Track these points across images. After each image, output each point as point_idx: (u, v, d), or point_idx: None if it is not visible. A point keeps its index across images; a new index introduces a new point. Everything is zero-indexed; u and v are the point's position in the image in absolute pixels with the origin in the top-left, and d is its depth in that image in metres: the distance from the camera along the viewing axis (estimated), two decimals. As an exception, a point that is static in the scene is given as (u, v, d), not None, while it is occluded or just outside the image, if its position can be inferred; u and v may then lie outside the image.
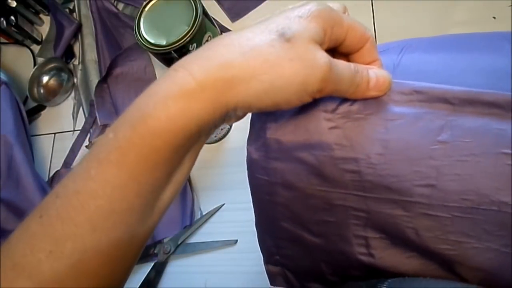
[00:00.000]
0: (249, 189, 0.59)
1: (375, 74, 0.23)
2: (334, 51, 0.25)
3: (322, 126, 0.25)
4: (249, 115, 0.27)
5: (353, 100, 0.24)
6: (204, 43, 0.53)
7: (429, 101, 0.23)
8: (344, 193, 0.24)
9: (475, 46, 0.26)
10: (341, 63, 0.22)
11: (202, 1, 0.53)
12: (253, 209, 0.32)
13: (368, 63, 0.25)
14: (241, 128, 0.57)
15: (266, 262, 0.32)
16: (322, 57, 0.21)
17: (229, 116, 0.22)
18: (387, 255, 0.24)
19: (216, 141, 0.58)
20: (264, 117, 0.27)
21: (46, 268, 0.21)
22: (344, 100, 0.25)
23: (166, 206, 0.25)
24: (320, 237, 0.26)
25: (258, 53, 0.21)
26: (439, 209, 0.22)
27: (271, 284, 0.32)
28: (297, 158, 0.25)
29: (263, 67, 0.20)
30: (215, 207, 0.55)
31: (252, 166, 0.29)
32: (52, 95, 0.70)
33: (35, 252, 0.21)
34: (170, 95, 0.20)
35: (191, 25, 0.51)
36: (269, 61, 0.20)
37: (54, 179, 0.65)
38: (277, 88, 0.21)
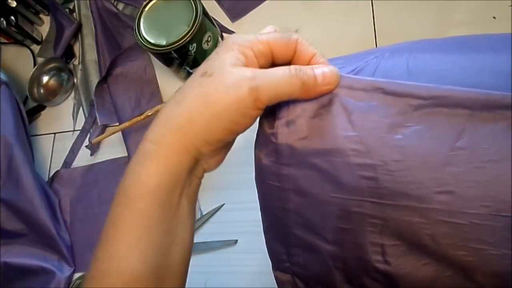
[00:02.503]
0: (249, 189, 0.59)
1: (321, 70, 0.25)
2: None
3: (337, 131, 0.25)
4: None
5: (368, 106, 0.24)
6: (204, 43, 0.53)
7: (446, 106, 0.23)
8: (360, 200, 0.24)
9: (489, 47, 0.25)
10: (274, 69, 0.24)
11: (202, 1, 0.53)
12: (260, 216, 0.31)
13: (310, 62, 0.26)
14: (241, 128, 0.57)
15: (275, 268, 0.31)
16: (242, 71, 0.23)
17: (200, 157, 0.26)
18: (403, 262, 0.24)
19: (216, 141, 0.58)
20: (274, 122, 0.27)
21: None
22: (359, 106, 0.24)
23: (183, 255, 0.28)
24: (335, 245, 0.26)
25: (190, 96, 0.24)
26: (457, 216, 0.22)
27: None
28: (311, 164, 0.25)
29: (198, 105, 0.24)
30: (215, 207, 0.55)
31: (262, 172, 0.28)
32: (52, 95, 0.70)
33: None
34: (139, 164, 0.24)
35: (191, 25, 0.51)
36: (200, 98, 0.24)
37: (54, 179, 0.65)
38: (218, 116, 0.23)
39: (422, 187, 0.22)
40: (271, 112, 0.27)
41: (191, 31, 0.50)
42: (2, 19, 0.72)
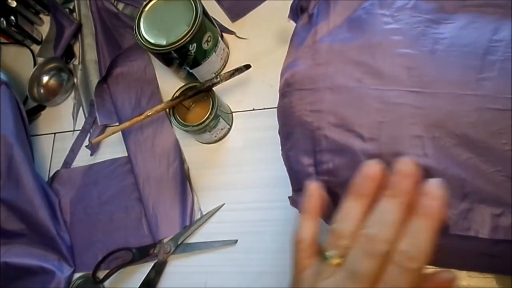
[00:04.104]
0: (249, 189, 0.59)
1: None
2: None
3: (379, 25, 0.25)
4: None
5: (409, 3, 0.26)
6: (204, 43, 0.53)
7: (483, 6, 0.25)
8: (401, 90, 0.24)
9: None
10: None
11: (202, 1, 0.53)
12: (280, 139, 0.30)
13: None
14: (241, 128, 0.57)
15: (296, 189, 0.30)
16: None
17: None
18: (443, 156, 0.23)
19: (216, 141, 0.58)
20: (314, 24, 0.28)
21: None
22: (399, 3, 0.26)
23: None
24: (372, 141, 0.25)
25: None
26: (500, 102, 0.22)
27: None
28: (351, 59, 0.26)
29: None
30: (215, 207, 0.54)
31: (292, 81, 0.28)
32: (52, 95, 0.70)
33: None
34: None
35: (191, 25, 0.51)
36: None
37: (54, 179, 0.65)
38: None
39: (465, 74, 0.23)
40: (309, 18, 0.28)
41: (191, 31, 0.50)
42: (2, 19, 0.72)
